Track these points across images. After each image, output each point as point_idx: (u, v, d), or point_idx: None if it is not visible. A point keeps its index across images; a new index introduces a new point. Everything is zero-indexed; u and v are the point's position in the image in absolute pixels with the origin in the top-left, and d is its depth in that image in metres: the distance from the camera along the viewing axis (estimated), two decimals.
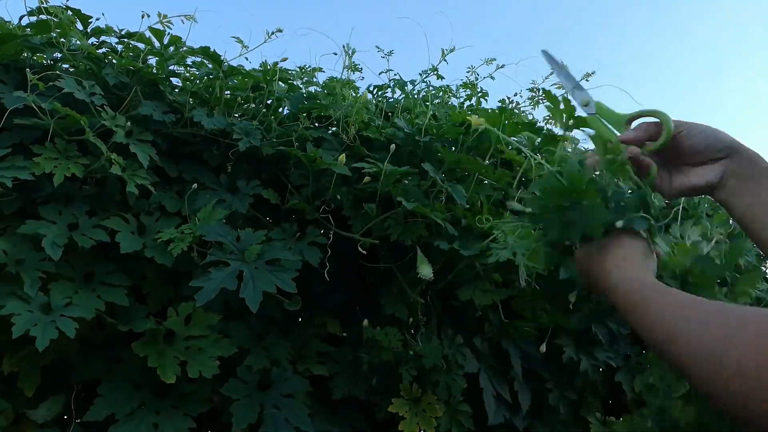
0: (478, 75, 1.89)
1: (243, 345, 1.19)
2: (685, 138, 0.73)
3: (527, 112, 2.08)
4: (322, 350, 1.32)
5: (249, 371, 1.17)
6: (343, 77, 1.47)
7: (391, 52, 1.77)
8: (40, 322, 0.93)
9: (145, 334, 1.08)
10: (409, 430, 1.25)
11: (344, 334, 1.42)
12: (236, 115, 1.38)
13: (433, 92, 1.85)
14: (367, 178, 1.20)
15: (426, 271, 1.14)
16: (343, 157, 1.20)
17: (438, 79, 1.81)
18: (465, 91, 1.91)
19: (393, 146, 1.20)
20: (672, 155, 0.74)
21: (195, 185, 1.21)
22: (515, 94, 2.06)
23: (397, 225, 1.25)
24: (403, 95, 1.72)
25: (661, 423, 1.08)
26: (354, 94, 1.35)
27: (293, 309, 1.18)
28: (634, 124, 0.77)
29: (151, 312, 1.15)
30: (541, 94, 1.98)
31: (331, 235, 1.24)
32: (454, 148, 1.33)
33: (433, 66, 1.80)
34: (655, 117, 0.74)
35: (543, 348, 1.34)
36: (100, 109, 1.13)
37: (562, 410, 1.57)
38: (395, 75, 1.81)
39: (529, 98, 2.02)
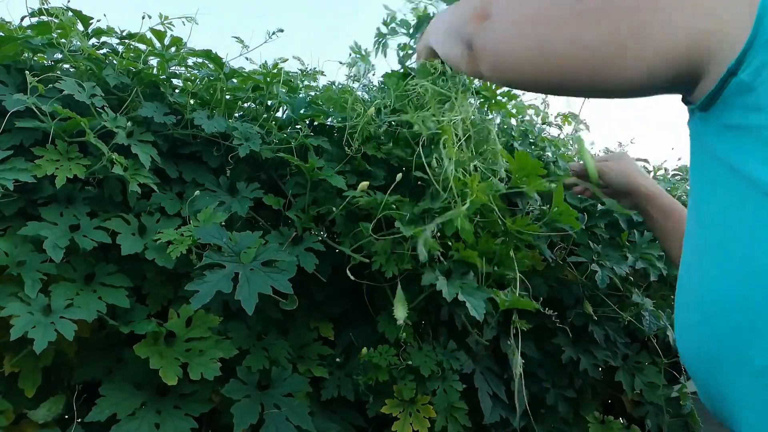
0: None
1: (242, 345, 1.19)
2: (604, 177, 1.13)
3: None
4: (323, 353, 1.33)
5: (249, 372, 1.17)
6: (351, 86, 1.47)
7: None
8: (39, 324, 0.94)
9: (146, 336, 1.08)
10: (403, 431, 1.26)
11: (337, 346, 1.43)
12: (237, 116, 1.38)
13: None
14: (361, 200, 1.18)
15: (401, 314, 1.13)
16: (365, 184, 1.18)
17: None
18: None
19: (399, 175, 1.18)
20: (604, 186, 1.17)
21: (198, 192, 1.21)
22: None
23: (382, 253, 1.22)
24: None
25: None
26: (358, 106, 1.34)
27: (290, 308, 1.18)
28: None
29: (151, 313, 1.16)
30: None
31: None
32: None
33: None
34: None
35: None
36: (100, 110, 1.14)
37: (560, 410, 1.58)
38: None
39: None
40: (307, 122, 1.42)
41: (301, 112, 1.36)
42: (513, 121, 1.83)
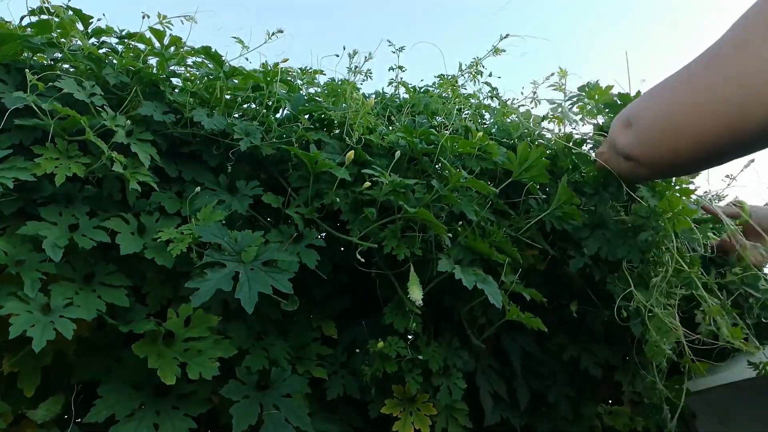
0: (483, 67, 1.84)
1: (241, 346, 1.19)
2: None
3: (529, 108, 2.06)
4: (322, 353, 1.32)
5: (248, 372, 1.17)
6: (350, 79, 1.48)
7: (402, 48, 1.77)
8: (38, 323, 0.93)
9: (145, 335, 1.08)
10: (404, 431, 1.25)
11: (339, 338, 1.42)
12: (236, 116, 1.38)
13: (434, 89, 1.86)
14: (367, 184, 1.19)
15: (416, 294, 1.12)
16: (351, 154, 1.20)
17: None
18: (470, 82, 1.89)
19: (398, 153, 1.21)
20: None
21: (198, 188, 1.21)
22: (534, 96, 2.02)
23: (393, 237, 1.23)
24: (408, 95, 1.72)
25: None
26: (358, 95, 1.35)
27: (290, 309, 1.18)
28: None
29: (150, 312, 1.16)
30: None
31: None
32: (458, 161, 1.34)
33: (451, 80, 1.80)
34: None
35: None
36: (100, 109, 1.13)
37: (561, 408, 1.58)
38: (404, 71, 1.82)
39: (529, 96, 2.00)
40: (307, 117, 1.42)
41: (300, 107, 1.36)
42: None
